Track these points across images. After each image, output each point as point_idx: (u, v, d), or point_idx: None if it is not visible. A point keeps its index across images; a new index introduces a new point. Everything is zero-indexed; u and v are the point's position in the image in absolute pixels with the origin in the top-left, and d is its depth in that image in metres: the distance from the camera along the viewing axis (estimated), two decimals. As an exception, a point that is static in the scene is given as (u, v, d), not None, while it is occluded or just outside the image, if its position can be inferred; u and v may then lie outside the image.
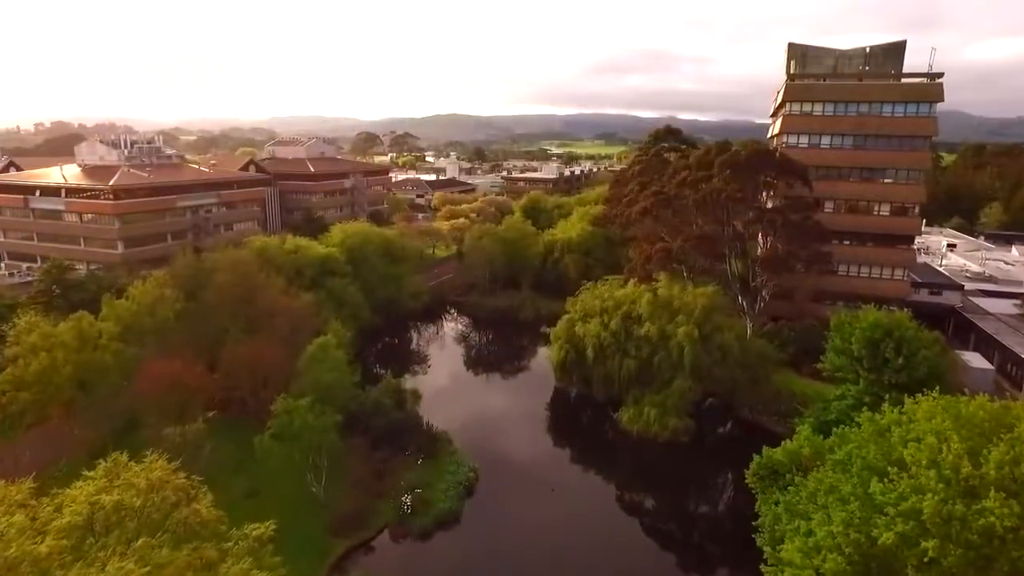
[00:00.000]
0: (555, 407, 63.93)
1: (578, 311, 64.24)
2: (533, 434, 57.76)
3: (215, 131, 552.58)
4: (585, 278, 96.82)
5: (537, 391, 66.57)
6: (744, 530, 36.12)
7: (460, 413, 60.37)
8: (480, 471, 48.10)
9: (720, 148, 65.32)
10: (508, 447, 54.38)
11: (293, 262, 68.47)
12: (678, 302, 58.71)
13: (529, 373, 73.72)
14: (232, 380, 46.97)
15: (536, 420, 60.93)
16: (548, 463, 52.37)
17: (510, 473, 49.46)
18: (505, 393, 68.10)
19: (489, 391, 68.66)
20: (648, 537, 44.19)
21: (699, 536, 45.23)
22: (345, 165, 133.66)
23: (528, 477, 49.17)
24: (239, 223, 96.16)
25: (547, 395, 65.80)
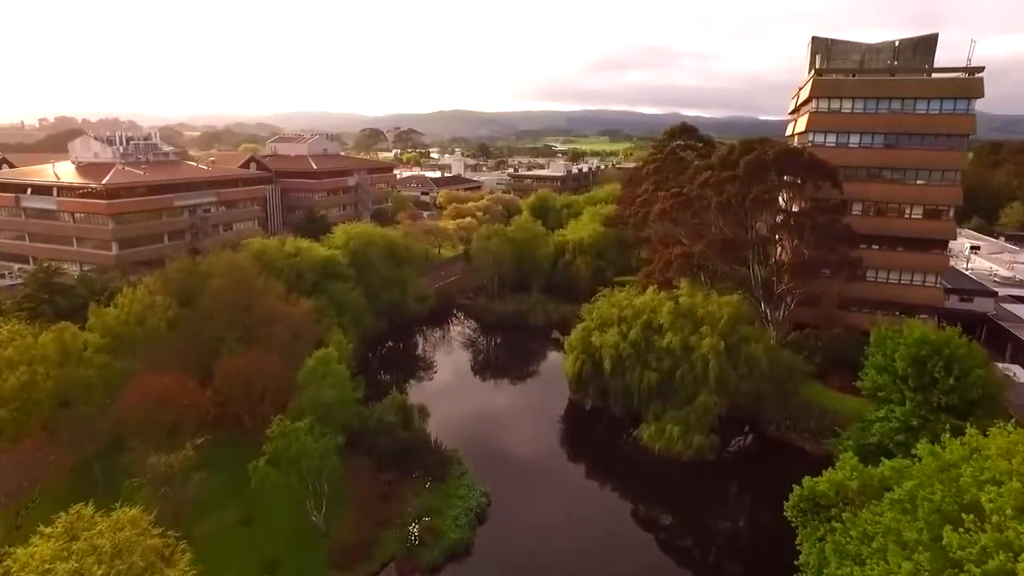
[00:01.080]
0: (570, 421, 60.53)
1: (594, 320, 60.80)
2: (548, 452, 54.38)
3: (219, 127, 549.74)
4: (597, 280, 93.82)
5: (550, 402, 63.18)
6: (783, 564, 32.86)
7: (469, 427, 57.07)
8: (492, 495, 44.73)
9: (744, 147, 61.70)
10: (521, 467, 50.95)
11: (293, 266, 65.09)
12: (702, 311, 55.22)
13: (541, 382, 70.33)
14: (227, 395, 43.62)
15: (550, 436, 57.55)
16: (565, 485, 48.95)
17: (524, 497, 46.08)
18: (516, 404, 64.70)
19: (499, 402, 65.27)
20: (678, 569, 40.77)
21: (732, 570, 41.75)
22: (348, 162, 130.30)
23: (544, 502, 45.76)
24: (239, 223, 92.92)
25: (560, 406, 62.43)
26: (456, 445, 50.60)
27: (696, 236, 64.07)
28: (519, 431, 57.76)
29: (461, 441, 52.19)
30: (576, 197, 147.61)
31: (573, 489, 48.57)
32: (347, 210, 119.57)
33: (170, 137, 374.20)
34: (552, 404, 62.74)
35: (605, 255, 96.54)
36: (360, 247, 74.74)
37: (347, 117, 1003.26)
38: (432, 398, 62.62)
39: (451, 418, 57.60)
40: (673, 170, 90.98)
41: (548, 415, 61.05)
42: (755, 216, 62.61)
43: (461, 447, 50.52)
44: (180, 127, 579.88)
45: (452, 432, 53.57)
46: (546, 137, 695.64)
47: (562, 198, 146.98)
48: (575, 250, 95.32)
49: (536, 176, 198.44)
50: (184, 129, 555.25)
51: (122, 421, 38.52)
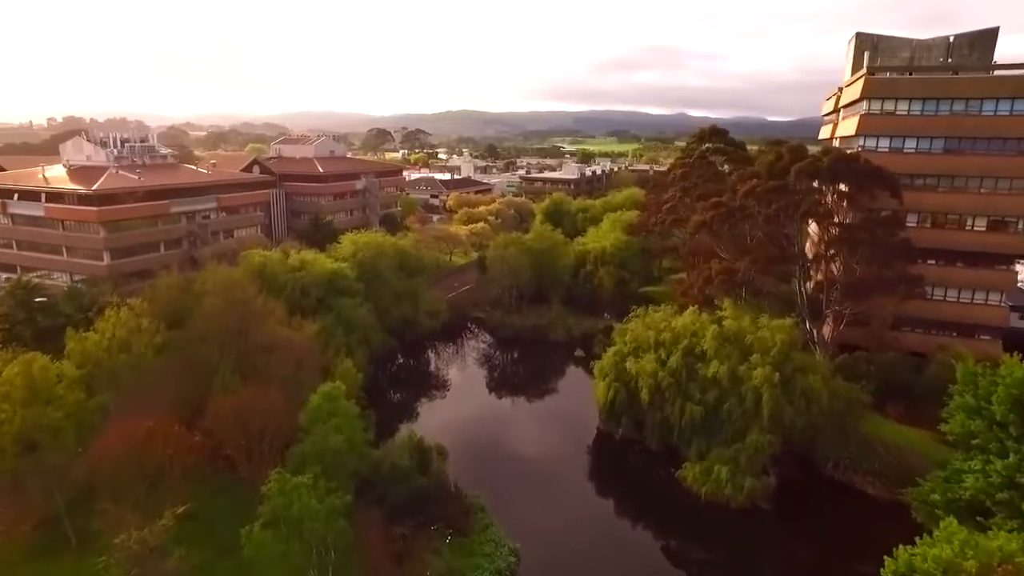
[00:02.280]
0: (600, 455, 54.85)
1: (628, 343, 55.12)
2: (580, 494, 48.73)
3: (226, 127, 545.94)
4: (621, 292, 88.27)
5: (576, 431, 57.62)
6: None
7: (489, 462, 51.63)
8: (521, 551, 39.16)
9: (794, 153, 55.93)
10: (552, 515, 45.17)
11: (297, 281, 59.67)
12: (751, 337, 49.45)
13: (564, 406, 64.68)
14: (219, 438, 38.15)
15: (580, 474, 51.96)
16: (602, 537, 43.17)
17: (558, 555, 40.39)
18: (540, 433, 59.02)
19: (521, 430, 59.63)
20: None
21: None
22: (356, 165, 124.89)
23: (581, 560, 40.08)
24: (241, 230, 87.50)
25: (588, 435, 56.87)
26: (477, 485, 45.12)
27: (738, 250, 58.38)
28: (546, 467, 51.98)
29: (482, 479, 46.86)
30: (592, 202, 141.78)
31: (612, 542, 42.83)
32: (355, 215, 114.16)
33: (175, 137, 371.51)
34: (579, 433, 57.18)
35: (629, 265, 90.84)
36: (369, 259, 69.23)
37: (353, 117, 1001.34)
38: (447, 426, 57.44)
39: (469, 450, 52.16)
40: (702, 176, 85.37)
41: (576, 447, 55.47)
42: (804, 229, 57.00)
43: (482, 488, 45.00)
44: (187, 127, 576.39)
45: (471, 468, 48.18)
46: (553, 137, 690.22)
47: (578, 203, 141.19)
48: (597, 260, 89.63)
49: (549, 179, 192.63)
50: (191, 129, 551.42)
51: (96, 472, 33.03)
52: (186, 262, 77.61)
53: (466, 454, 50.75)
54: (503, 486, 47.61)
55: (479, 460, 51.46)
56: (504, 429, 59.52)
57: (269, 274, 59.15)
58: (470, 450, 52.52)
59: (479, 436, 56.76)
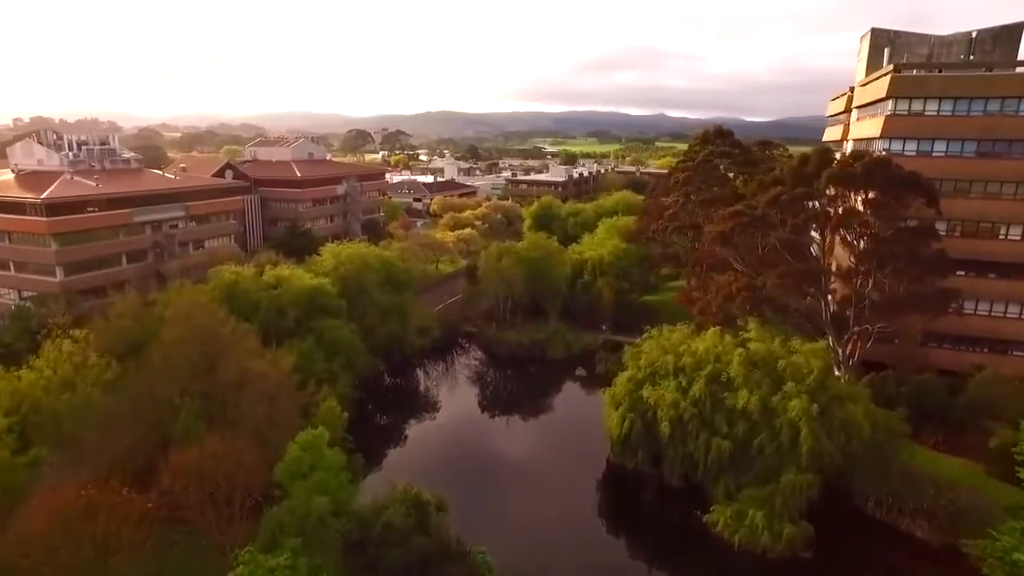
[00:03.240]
0: (616, 495, 49.41)
1: (643, 367, 49.81)
2: (597, 542, 43.27)
3: (202, 127, 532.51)
4: (620, 303, 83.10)
5: (585, 464, 52.11)
6: None
7: (492, 505, 46.05)
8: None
9: (821, 158, 51.01)
10: (568, 569, 39.74)
11: (273, 300, 53.59)
12: (784, 363, 44.36)
13: (568, 433, 59.20)
14: (180, 497, 32.09)
15: (596, 517, 46.67)
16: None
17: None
18: (545, 468, 53.15)
19: (523, 464, 53.86)
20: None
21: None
22: (336, 168, 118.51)
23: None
24: (212, 239, 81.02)
25: (597, 469, 51.41)
26: (479, 532, 39.32)
27: (760, 263, 53.32)
28: (556, 510, 46.26)
29: (485, 526, 41.54)
30: (583, 205, 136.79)
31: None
32: (335, 221, 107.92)
33: (149, 138, 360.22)
34: (588, 467, 51.69)
35: (628, 275, 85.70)
36: (352, 273, 63.23)
37: (332, 118, 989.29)
38: (441, 461, 51.94)
39: (468, 492, 46.33)
40: (707, 180, 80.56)
41: (586, 483, 50.00)
42: (833, 241, 52.22)
43: (487, 536, 39.22)
44: (162, 127, 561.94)
45: (472, 512, 42.60)
46: (534, 138, 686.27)
47: (568, 206, 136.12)
48: (595, 270, 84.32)
49: (535, 181, 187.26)
50: (165, 130, 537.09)
51: (21, 554, 26.86)
52: (151, 276, 71.24)
53: (465, 496, 44.99)
54: (511, 535, 42.10)
55: (480, 503, 45.79)
56: (505, 464, 53.88)
57: (241, 293, 53.04)
58: (469, 491, 46.73)
59: (478, 474, 51.05)
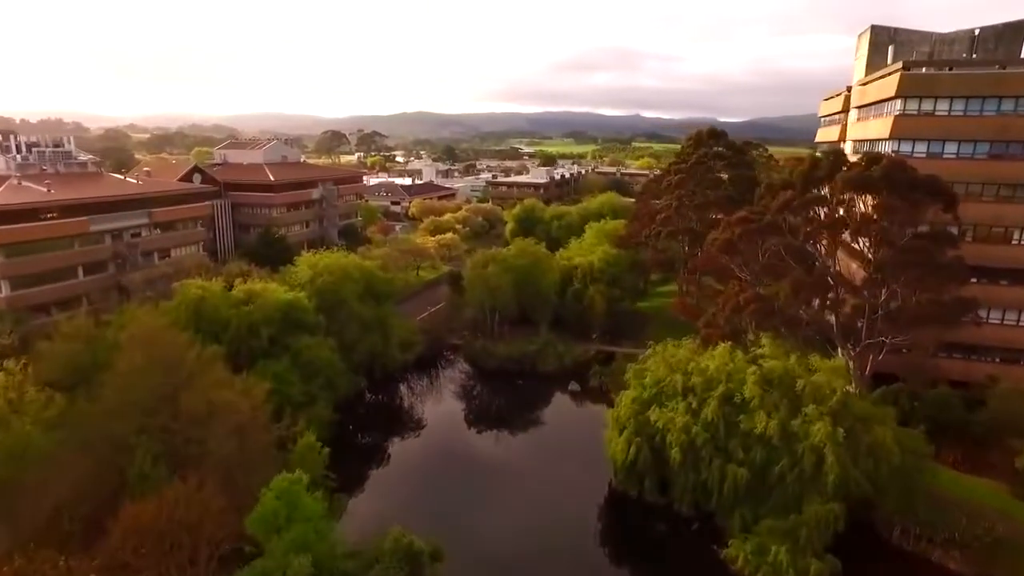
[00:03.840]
0: (618, 524, 45.83)
1: (648, 386, 46.22)
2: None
3: (173, 128, 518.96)
4: (612, 312, 79.57)
5: (583, 489, 48.33)
6: None
7: (482, 534, 42.28)
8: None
9: (834, 160, 47.89)
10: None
11: (244, 317, 49.04)
12: (803, 382, 41.05)
13: (564, 453, 55.32)
14: (133, 557, 27.60)
15: (597, 550, 42.94)
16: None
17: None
18: (539, 492, 49.06)
19: (516, 487, 49.78)
20: None
21: None
22: (311, 172, 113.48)
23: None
24: (179, 248, 75.81)
25: (597, 495, 47.77)
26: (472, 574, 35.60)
27: (767, 272, 50.07)
28: (556, 540, 42.30)
29: (479, 564, 37.47)
30: (567, 208, 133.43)
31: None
32: (311, 227, 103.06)
33: (116, 139, 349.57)
34: (588, 492, 47.96)
35: (620, 282, 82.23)
36: (330, 285, 58.76)
37: (306, 119, 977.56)
38: (427, 485, 48.15)
39: (459, 522, 42.66)
40: (701, 183, 77.52)
41: (586, 511, 46.22)
42: (847, 248, 49.17)
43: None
44: (130, 128, 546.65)
45: (467, 551, 38.60)
46: (510, 139, 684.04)
47: (551, 209, 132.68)
48: (585, 277, 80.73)
49: (516, 183, 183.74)
50: (134, 131, 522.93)
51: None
52: (112, 289, 66.09)
53: (456, 529, 41.13)
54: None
55: (473, 535, 41.88)
56: (498, 488, 49.75)
57: (209, 311, 48.45)
58: (460, 522, 42.92)
59: (469, 501, 46.94)
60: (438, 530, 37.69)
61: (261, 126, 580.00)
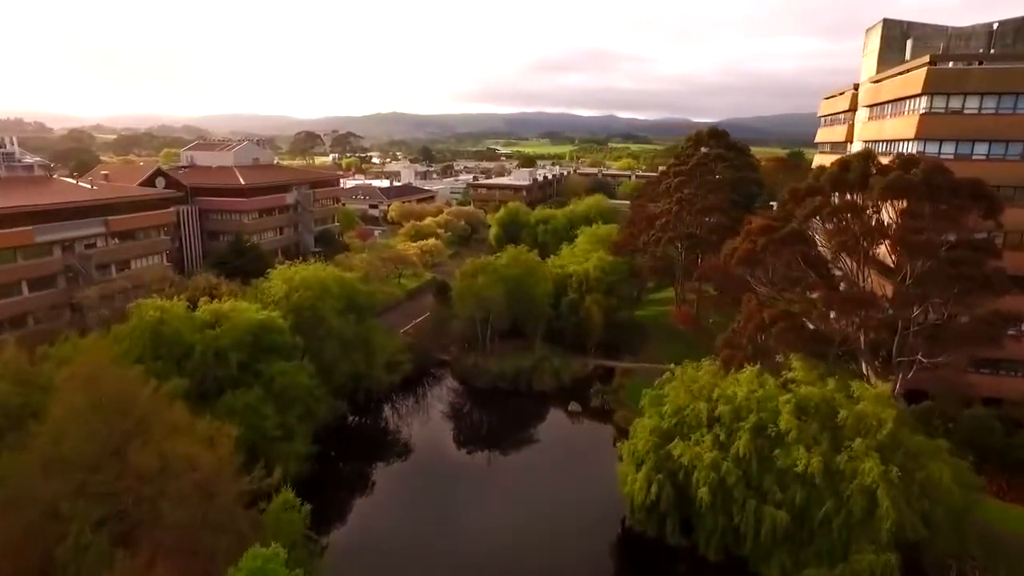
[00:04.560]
0: (633, 570, 40.93)
1: (667, 415, 41.47)
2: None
3: (141, 129, 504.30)
4: (610, 323, 74.92)
5: (593, 527, 43.58)
6: None
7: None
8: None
9: (864, 163, 43.53)
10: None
11: (210, 343, 43.24)
12: (844, 412, 36.58)
13: (568, 485, 50.11)
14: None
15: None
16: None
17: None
18: (542, 530, 43.54)
19: (516, 523, 44.49)
20: None
21: None
22: (285, 174, 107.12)
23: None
24: (140, 259, 69.40)
25: (609, 533, 43.03)
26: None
27: (791, 285, 45.64)
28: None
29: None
30: (553, 211, 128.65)
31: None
32: (285, 233, 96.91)
33: (80, 140, 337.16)
34: (598, 530, 43.20)
35: (617, 291, 77.49)
36: (308, 301, 53.10)
37: (280, 120, 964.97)
38: (416, 522, 43.02)
39: (455, 566, 37.59)
40: (703, 186, 73.21)
41: (598, 553, 41.49)
42: (874, 259, 44.91)
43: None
44: (96, 129, 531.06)
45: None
46: (487, 140, 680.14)
47: (537, 212, 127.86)
48: (581, 286, 75.89)
49: (498, 185, 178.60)
50: (100, 131, 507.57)
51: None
52: (64, 307, 59.68)
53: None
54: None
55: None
56: (497, 526, 44.46)
57: (170, 336, 42.54)
58: (457, 569, 37.82)
59: (463, 541, 41.74)
60: (428, 570, 32.63)
61: (233, 127, 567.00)
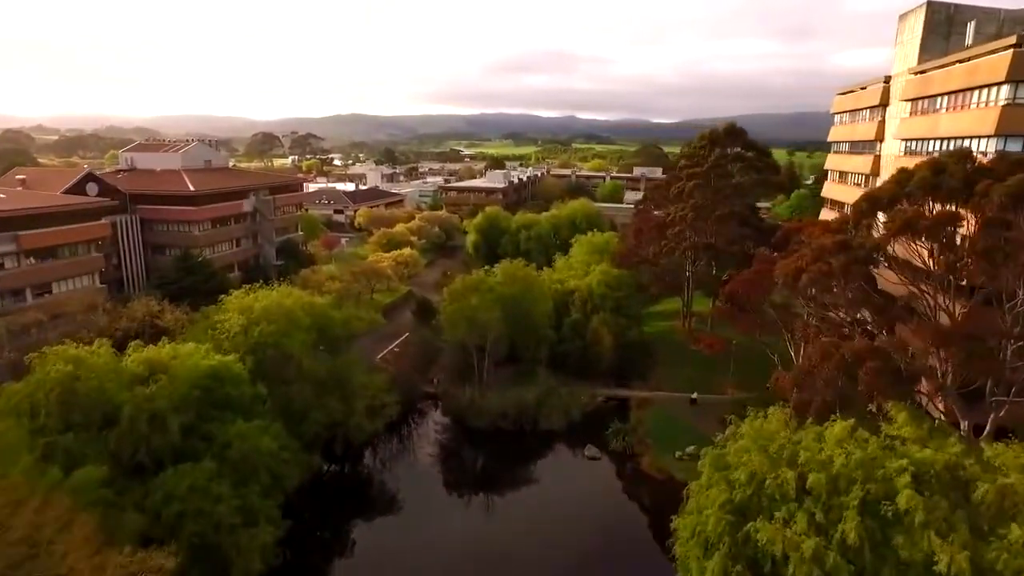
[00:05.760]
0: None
1: (739, 483, 32.71)
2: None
3: (87, 130, 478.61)
4: (620, 346, 66.30)
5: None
6: None
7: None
8: None
9: (962, 165, 35.53)
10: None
11: (144, 403, 32.83)
12: (986, 487, 28.26)
13: (598, 560, 41.26)
14: None
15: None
16: None
17: None
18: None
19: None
20: None
21: None
22: (242, 178, 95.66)
23: None
24: (63, 280, 57.99)
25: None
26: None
27: (878, 312, 37.41)
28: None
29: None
30: (535, 216, 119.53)
31: None
32: (242, 245, 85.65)
33: (16, 141, 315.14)
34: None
35: (624, 308, 68.81)
36: (271, 337, 42.87)
37: (236, 121, 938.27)
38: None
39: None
40: (720, 191, 65.14)
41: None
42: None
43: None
44: (37, 129, 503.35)
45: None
46: (449, 140, 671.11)
47: (518, 218, 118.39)
48: (585, 305, 67.00)
49: (473, 188, 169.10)
50: (41, 132, 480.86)
51: None
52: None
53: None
54: None
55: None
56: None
57: (88, 395, 31.98)
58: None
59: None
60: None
61: (188, 128, 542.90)
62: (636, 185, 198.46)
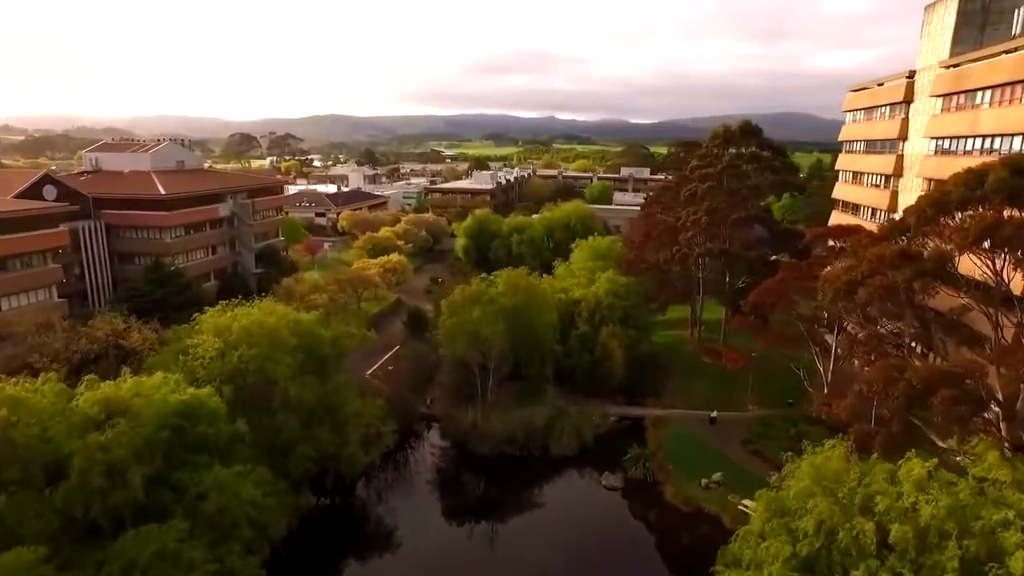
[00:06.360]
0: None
1: (808, 533, 28.06)
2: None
3: (57, 130, 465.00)
4: (630, 360, 61.68)
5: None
6: None
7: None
8: None
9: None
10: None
11: (97, 452, 27.31)
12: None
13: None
14: None
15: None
16: None
17: None
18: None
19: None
20: None
21: None
22: (218, 180, 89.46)
23: None
24: (17, 295, 51.96)
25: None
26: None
27: (945, 332, 33.05)
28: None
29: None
30: (527, 219, 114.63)
31: None
32: (218, 253, 79.64)
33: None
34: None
35: (634, 318, 64.12)
36: (253, 362, 37.45)
37: (212, 122, 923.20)
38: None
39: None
40: (735, 193, 60.78)
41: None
42: None
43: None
44: (3, 129, 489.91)
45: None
46: (429, 141, 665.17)
47: (509, 220, 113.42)
48: (593, 316, 62.15)
49: (460, 189, 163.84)
50: (7, 133, 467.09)
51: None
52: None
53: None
54: None
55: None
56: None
57: (28, 444, 26.41)
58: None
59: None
60: None
61: (162, 129, 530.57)
62: (624, 186, 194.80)
